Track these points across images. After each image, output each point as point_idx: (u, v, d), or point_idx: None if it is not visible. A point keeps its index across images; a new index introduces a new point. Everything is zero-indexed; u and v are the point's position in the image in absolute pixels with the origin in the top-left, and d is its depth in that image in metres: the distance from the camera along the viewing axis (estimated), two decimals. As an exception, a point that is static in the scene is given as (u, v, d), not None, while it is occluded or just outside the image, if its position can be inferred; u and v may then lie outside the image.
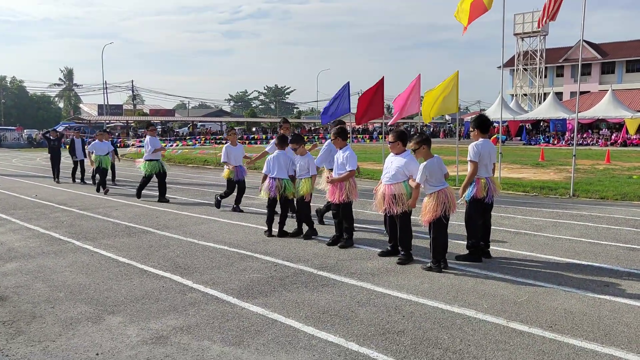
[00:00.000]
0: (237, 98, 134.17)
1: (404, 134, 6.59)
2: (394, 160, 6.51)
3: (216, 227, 8.97)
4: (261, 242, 7.77)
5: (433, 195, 6.02)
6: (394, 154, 6.57)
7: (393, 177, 6.44)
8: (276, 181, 8.13)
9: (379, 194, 6.57)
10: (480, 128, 6.45)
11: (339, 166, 7.35)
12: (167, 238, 8.16)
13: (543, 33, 58.05)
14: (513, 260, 6.56)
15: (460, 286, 5.52)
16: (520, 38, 59.79)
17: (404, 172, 6.40)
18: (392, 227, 6.69)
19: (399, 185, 6.41)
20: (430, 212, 5.97)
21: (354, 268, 6.27)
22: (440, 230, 6.05)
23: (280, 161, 8.16)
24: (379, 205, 6.56)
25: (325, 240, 7.72)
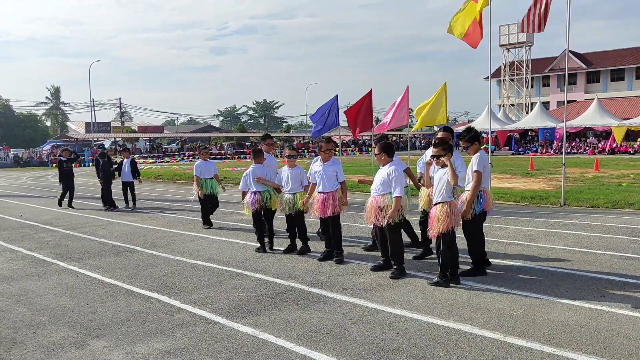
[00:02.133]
0: (226, 113, 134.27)
1: (388, 145, 6.53)
2: (380, 172, 6.44)
3: (205, 245, 8.80)
4: (251, 259, 7.62)
5: (446, 205, 5.90)
6: (381, 165, 6.49)
7: (379, 188, 6.35)
8: (257, 195, 8.01)
9: (367, 206, 6.49)
10: (478, 140, 6.37)
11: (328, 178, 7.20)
12: (154, 257, 7.98)
13: (528, 44, 58.72)
14: (507, 272, 6.46)
15: (454, 300, 5.40)
16: (506, 49, 60.43)
17: (387, 182, 6.31)
18: (383, 241, 6.58)
19: (384, 197, 6.32)
20: (445, 222, 5.85)
21: (346, 284, 6.13)
22: (452, 243, 5.94)
23: (256, 175, 8.04)
24: (369, 217, 6.47)
25: (316, 256, 7.59)
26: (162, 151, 54.99)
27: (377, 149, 6.45)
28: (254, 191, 8.04)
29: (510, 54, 60.76)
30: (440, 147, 6.04)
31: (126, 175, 14.43)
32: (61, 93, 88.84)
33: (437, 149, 6.06)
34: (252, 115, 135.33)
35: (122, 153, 15.59)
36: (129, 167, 14.36)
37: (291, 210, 7.78)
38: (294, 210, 7.76)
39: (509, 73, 61.08)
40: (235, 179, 22.49)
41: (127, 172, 14.41)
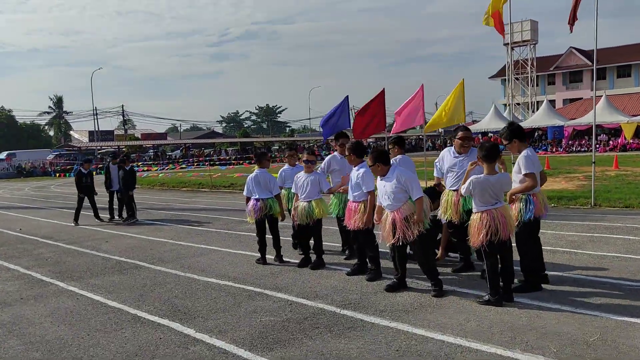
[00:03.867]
0: (229, 119, 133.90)
1: (382, 152, 5.87)
2: (385, 183, 5.73)
3: (217, 259, 8.07)
4: (269, 275, 6.88)
5: (482, 214, 5.17)
6: (380, 176, 5.79)
7: (395, 199, 5.61)
8: (260, 202, 7.29)
9: (386, 225, 5.70)
10: (520, 137, 5.62)
11: (353, 187, 6.46)
12: (162, 274, 7.25)
13: (533, 42, 57.92)
14: (562, 285, 5.70)
15: (513, 323, 4.65)
16: (511, 48, 59.58)
17: (402, 188, 5.59)
18: (402, 259, 5.82)
19: (407, 205, 5.58)
20: (479, 233, 5.12)
21: (382, 304, 5.39)
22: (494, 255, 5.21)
23: (259, 180, 7.34)
24: (388, 236, 5.68)
25: (340, 270, 6.86)
26: (165, 158, 54.35)
27: (370, 160, 5.77)
28: (257, 198, 7.34)
29: (514, 52, 59.96)
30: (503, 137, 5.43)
31: (116, 184, 13.39)
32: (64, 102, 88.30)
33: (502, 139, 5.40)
34: (255, 120, 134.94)
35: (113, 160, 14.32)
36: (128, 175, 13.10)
37: (307, 220, 7.04)
38: (310, 219, 7.02)
39: (514, 72, 60.26)
40: (243, 185, 21.79)
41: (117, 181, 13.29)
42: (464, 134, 6.31)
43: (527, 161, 5.41)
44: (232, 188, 21.95)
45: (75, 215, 12.97)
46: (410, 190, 5.58)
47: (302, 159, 7.26)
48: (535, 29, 58.28)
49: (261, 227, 7.41)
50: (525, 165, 5.40)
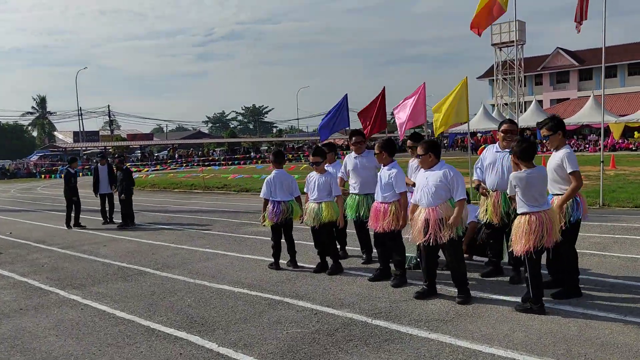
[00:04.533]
0: (215, 119, 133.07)
1: (436, 144, 5.48)
2: (429, 176, 5.36)
3: (226, 264, 7.67)
4: (286, 281, 6.50)
5: (534, 216, 4.82)
6: (426, 168, 5.42)
7: (435, 196, 5.27)
8: (281, 205, 6.92)
9: (419, 221, 5.36)
10: (564, 130, 5.31)
11: (383, 187, 6.09)
12: (171, 281, 6.84)
13: (520, 42, 58.11)
14: (601, 291, 5.41)
15: (564, 334, 4.33)
16: (498, 48, 59.78)
17: (446, 186, 5.25)
18: (432, 264, 5.49)
19: (445, 205, 5.25)
20: (532, 237, 4.77)
21: (415, 313, 5.05)
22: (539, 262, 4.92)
23: (282, 181, 6.99)
24: (419, 235, 5.34)
25: (360, 275, 6.51)
26: (153, 159, 53.57)
27: (422, 148, 5.37)
28: (278, 200, 6.95)
29: (502, 52, 60.14)
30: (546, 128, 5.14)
31: (106, 187, 12.84)
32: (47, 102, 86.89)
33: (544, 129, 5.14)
34: (241, 120, 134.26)
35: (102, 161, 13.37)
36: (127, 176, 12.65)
37: (315, 223, 6.68)
38: (318, 222, 6.65)
39: (502, 72, 60.45)
40: (237, 186, 21.37)
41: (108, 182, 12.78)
42: (507, 127, 5.90)
43: (573, 158, 5.12)
44: (225, 189, 21.51)
45: (67, 219, 12.47)
46: (455, 189, 5.25)
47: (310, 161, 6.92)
48: (522, 29, 58.44)
49: (278, 231, 7.03)
50: (572, 162, 5.09)
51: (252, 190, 20.04)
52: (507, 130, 5.92)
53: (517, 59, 58.55)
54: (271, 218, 6.92)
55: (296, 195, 7.11)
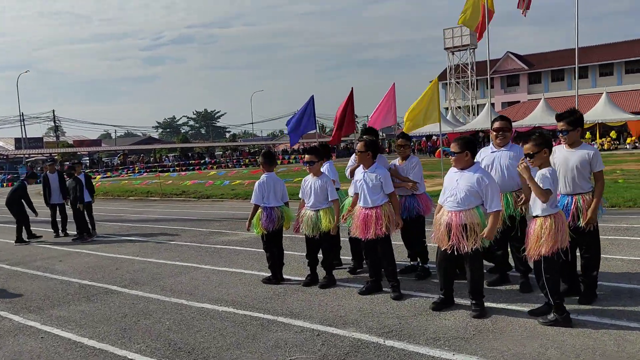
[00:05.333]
0: (165, 124, 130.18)
1: (473, 142, 5.01)
2: (460, 178, 4.89)
3: (201, 278, 6.97)
4: (274, 297, 5.89)
5: (550, 219, 4.45)
6: (459, 168, 4.96)
7: (463, 200, 4.81)
8: (275, 211, 6.32)
9: (441, 224, 4.90)
10: (582, 126, 4.97)
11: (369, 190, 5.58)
12: (143, 300, 6.10)
13: (472, 47, 59.32)
14: (616, 298, 5.07)
15: (602, 350, 3.92)
16: (451, 52, 60.81)
17: (477, 193, 4.80)
18: (449, 273, 5.05)
19: (471, 212, 4.80)
20: (549, 242, 4.40)
21: (430, 330, 4.55)
22: (558, 268, 4.54)
23: (274, 185, 6.40)
24: (442, 239, 4.88)
25: (354, 287, 5.98)
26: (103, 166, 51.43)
27: (458, 146, 4.88)
28: (271, 206, 6.35)
29: (455, 56, 61.21)
30: (532, 143, 4.58)
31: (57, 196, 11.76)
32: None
33: (527, 146, 4.59)
34: (192, 125, 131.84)
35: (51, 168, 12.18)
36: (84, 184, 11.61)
37: (314, 232, 6.10)
38: (317, 231, 6.09)
39: (455, 76, 61.50)
40: (197, 192, 20.48)
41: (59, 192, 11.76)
42: (500, 124, 5.49)
43: (600, 158, 4.79)
44: (184, 196, 20.60)
45: (54, 227, 11.71)
46: (490, 198, 4.77)
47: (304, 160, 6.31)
48: (474, 34, 59.70)
49: (271, 240, 6.40)
50: (600, 161, 4.77)
51: (213, 196, 19.25)
52: (500, 127, 5.51)
53: (470, 62, 59.87)
54: (266, 226, 6.29)
55: (285, 200, 6.53)
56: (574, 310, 4.72)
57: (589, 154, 4.82)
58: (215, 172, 29.66)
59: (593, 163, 4.80)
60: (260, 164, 6.54)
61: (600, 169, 4.82)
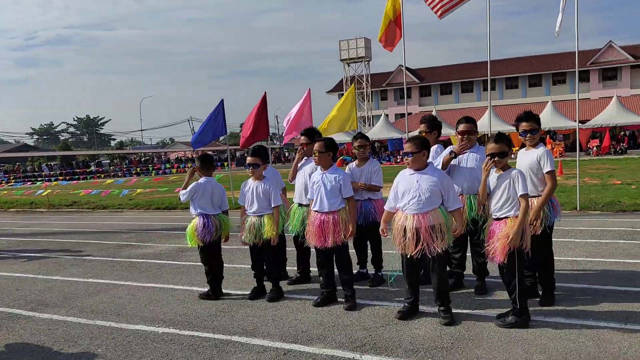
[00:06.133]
0: (42, 131, 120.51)
1: (428, 142, 4.84)
2: (420, 179, 4.68)
3: (126, 296, 6.17)
4: (219, 313, 5.30)
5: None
6: (415, 169, 4.75)
7: (428, 201, 4.61)
8: (211, 220, 5.75)
9: (406, 230, 4.64)
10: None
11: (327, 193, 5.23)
12: (61, 325, 5.22)
13: (367, 59, 61.30)
14: (583, 299, 5.13)
15: (586, 352, 3.85)
16: (347, 64, 62.38)
17: (440, 192, 4.64)
18: (417, 279, 4.86)
19: (436, 212, 4.62)
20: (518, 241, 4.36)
21: (405, 341, 4.25)
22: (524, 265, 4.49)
23: (208, 190, 5.81)
24: (409, 246, 4.63)
25: (303, 299, 5.57)
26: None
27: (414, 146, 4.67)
28: (207, 214, 5.75)
29: (350, 68, 62.85)
30: (502, 143, 4.53)
31: None
32: None
33: (497, 145, 4.51)
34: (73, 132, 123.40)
35: None
36: None
37: (256, 240, 5.61)
38: (259, 239, 5.60)
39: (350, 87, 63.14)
40: (91, 203, 18.84)
41: None
42: (466, 126, 5.34)
43: (551, 157, 4.79)
44: (77, 207, 18.87)
45: None
46: (452, 197, 4.66)
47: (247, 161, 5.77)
48: (369, 46, 61.77)
49: (210, 252, 5.78)
50: (551, 161, 4.77)
51: (110, 207, 17.80)
52: (465, 130, 5.43)
53: (365, 74, 61.75)
54: (202, 237, 5.66)
55: (225, 208, 5.96)
56: (539, 312, 4.68)
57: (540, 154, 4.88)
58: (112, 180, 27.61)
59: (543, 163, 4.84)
60: (197, 168, 5.92)
61: (550, 168, 4.80)
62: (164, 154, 74.89)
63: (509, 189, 4.44)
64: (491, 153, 4.51)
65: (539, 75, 55.41)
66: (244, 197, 5.75)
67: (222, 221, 5.80)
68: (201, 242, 5.67)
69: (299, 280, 6.23)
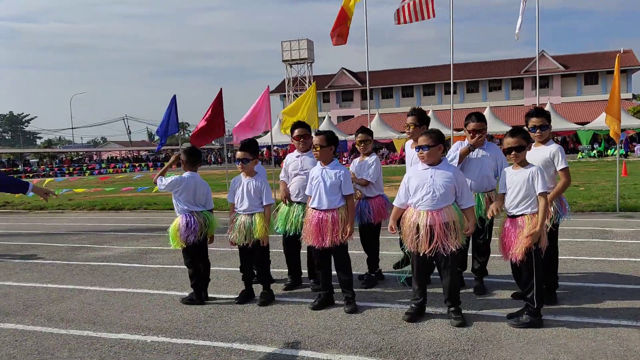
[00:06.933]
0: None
1: (443, 135, 4.68)
2: (434, 174, 4.51)
3: (97, 303, 5.63)
4: (209, 319, 4.91)
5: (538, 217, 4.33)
6: (430, 164, 4.57)
7: (443, 197, 4.45)
8: (194, 217, 5.33)
9: (420, 227, 4.45)
10: None
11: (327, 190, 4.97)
12: (30, 335, 4.65)
13: (310, 60, 61.36)
14: (585, 297, 5.12)
15: (611, 351, 3.79)
16: (289, 65, 62.17)
17: (454, 189, 4.49)
18: (425, 278, 4.70)
19: (450, 209, 4.47)
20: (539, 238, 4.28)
21: (422, 344, 4.05)
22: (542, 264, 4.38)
23: (192, 186, 5.36)
24: (422, 244, 4.44)
25: (294, 302, 5.28)
26: None
27: (431, 139, 4.46)
28: (190, 211, 5.33)
29: (293, 69, 62.66)
30: (519, 137, 4.42)
31: None
32: None
33: (514, 139, 4.41)
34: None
35: None
36: None
37: (246, 240, 5.26)
38: (250, 239, 5.26)
39: (293, 88, 62.92)
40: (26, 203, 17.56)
41: None
42: (476, 125, 5.18)
43: (564, 154, 4.74)
44: (10, 207, 17.56)
45: None
46: (466, 194, 4.53)
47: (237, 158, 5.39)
48: (311, 48, 61.88)
49: (196, 253, 5.35)
50: (564, 158, 4.70)
51: (50, 208, 16.66)
52: (476, 129, 5.22)
53: (308, 76, 61.73)
54: (185, 237, 5.22)
55: (210, 207, 5.55)
56: (547, 310, 4.61)
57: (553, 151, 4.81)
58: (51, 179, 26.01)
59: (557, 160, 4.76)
60: (182, 162, 5.48)
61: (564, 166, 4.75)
62: (96, 153, 71.78)
63: (527, 186, 4.33)
64: (508, 147, 4.39)
65: (477, 82, 57.36)
66: (233, 194, 5.38)
67: (207, 219, 5.39)
68: (184, 242, 5.24)
69: (293, 284, 5.88)
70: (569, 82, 54.16)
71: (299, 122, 5.83)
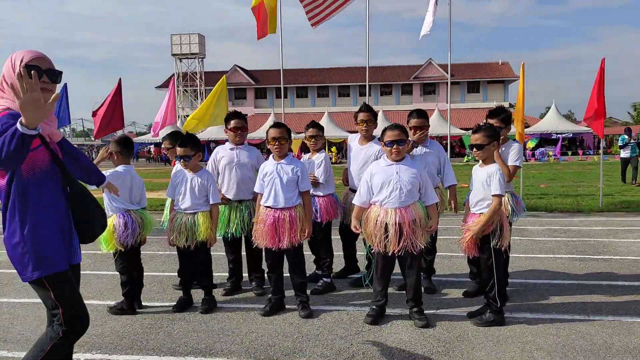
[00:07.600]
0: None
1: (404, 128, 4.54)
2: (399, 170, 4.35)
3: (3, 315, 4.80)
4: (149, 331, 4.34)
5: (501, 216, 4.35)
6: (396, 160, 4.41)
7: (410, 193, 4.30)
8: (132, 217, 4.74)
9: (389, 226, 4.25)
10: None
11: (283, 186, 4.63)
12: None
13: (201, 56, 59.67)
14: (530, 293, 5.23)
15: (579, 345, 3.85)
16: (179, 59, 60.00)
17: (419, 184, 4.37)
18: (388, 279, 4.55)
19: (416, 205, 4.34)
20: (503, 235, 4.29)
21: (394, 347, 3.85)
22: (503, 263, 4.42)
23: (127, 181, 4.76)
24: (391, 243, 4.26)
25: (240, 308, 4.88)
26: None
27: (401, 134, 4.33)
28: (126, 209, 4.72)
29: (182, 64, 60.51)
30: (481, 134, 4.40)
31: None
32: None
33: (476, 136, 4.39)
34: None
35: None
36: None
37: (187, 242, 4.77)
38: (192, 240, 4.76)
39: (182, 84, 60.78)
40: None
41: None
42: (417, 121, 5.12)
43: (520, 153, 4.81)
44: None
45: None
46: (430, 191, 4.41)
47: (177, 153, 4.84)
48: (202, 43, 60.18)
49: (132, 257, 4.72)
50: (519, 156, 4.78)
51: None
52: (417, 126, 5.17)
53: (199, 71, 59.90)
54: (123, 239, 4.58)
55: (144, 205, 4.95)
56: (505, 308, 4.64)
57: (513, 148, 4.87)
58: None
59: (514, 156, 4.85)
60: (115, 153, 4.82)
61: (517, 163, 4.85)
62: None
63: (485, 186, 4.32)
64: (470, 144, 4.36)
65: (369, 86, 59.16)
66: (174, 189, 4.84)
67: (144, 219, 4.80)
68: (122, 245, 4.61)
69: (233, 289, 5.42)
70: (454, 89, 57.65)
71: (235, 113, 5.43)
